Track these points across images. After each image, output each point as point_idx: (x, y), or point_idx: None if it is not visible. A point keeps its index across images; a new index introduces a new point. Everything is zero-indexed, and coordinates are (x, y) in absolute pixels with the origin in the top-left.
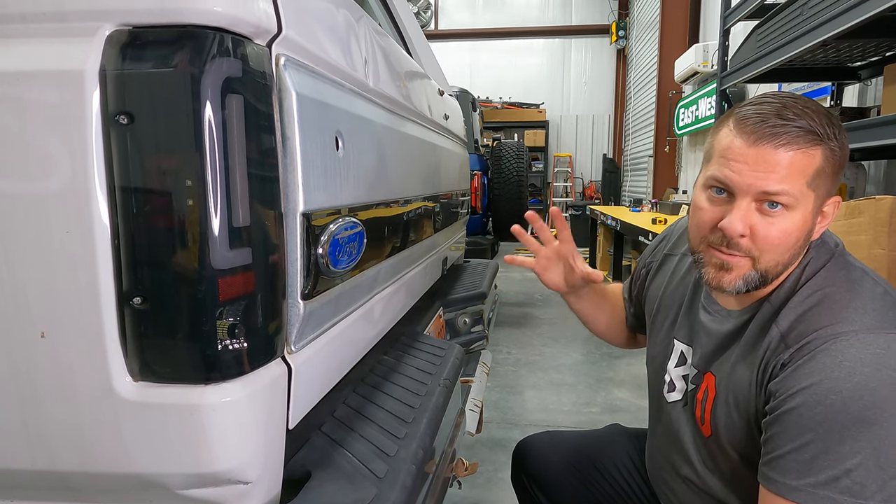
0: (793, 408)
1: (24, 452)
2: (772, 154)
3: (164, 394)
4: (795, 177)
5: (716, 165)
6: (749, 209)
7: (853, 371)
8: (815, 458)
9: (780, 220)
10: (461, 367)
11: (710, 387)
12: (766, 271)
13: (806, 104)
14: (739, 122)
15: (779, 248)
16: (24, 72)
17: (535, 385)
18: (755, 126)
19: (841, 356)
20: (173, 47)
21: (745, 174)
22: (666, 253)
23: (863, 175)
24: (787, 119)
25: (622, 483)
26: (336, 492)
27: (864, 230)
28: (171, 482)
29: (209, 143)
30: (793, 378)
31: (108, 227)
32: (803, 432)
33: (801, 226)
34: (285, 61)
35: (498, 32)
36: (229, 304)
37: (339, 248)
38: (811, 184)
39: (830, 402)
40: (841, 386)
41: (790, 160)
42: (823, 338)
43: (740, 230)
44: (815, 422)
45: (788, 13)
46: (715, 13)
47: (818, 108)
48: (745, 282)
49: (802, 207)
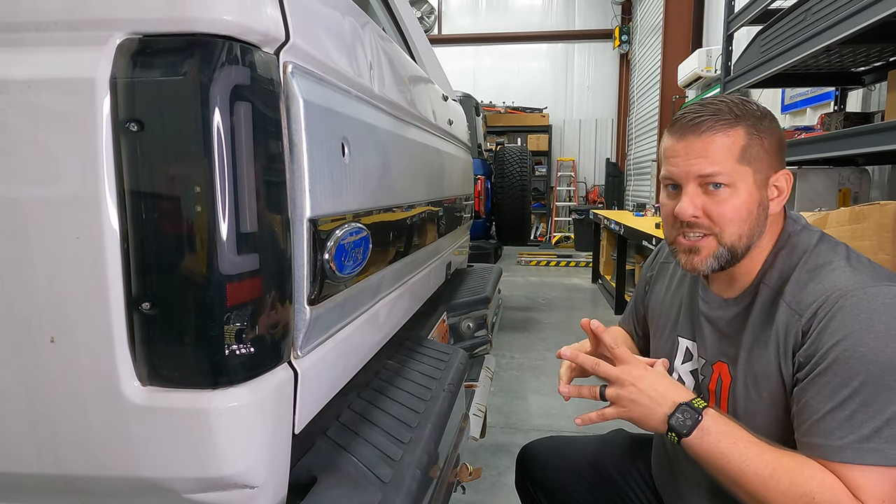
0: (825, 368)
1: (33, 456)
2: (696, 141)
3: (172, 398)
4: (724, 156)
5: (663, 167)
6: (695, 193)
7: (871, 321)
8: (856, 413)
9: (726, 197)
10: (465, 372)
11: (723, 374)
12: (733, 245)
13: (724, 97)
14: (671, 126)
15: (735, 222)
16: (37, 79)
17: (539, 390)
18: (681, 124)
19: (856, 309)
20: (183, 55)
21: (680, 165)
22: (662, 262)
23: (867, 180)
24: (706, 111)
25: (626, 488)
26: (341, 496)
27: (869, 235)
28: (178, 486)
29: (218, 149)
30: (818, 341)
31: (117, 233)
32: (839, 389)
33: (748, 199)
34: (293, 69)
35: (501, 37)
36: (237, 309)
37: (345, 253)
38: (742, 159)
39: (861, 355)
40: (864, 337)
41: (713, 142)
42: (834, 298)
43: (691, 211)
44: (849, 377)
45: (792, 18)
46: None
47: (735, 98)
48: (716, 258)
49: (743, 182)
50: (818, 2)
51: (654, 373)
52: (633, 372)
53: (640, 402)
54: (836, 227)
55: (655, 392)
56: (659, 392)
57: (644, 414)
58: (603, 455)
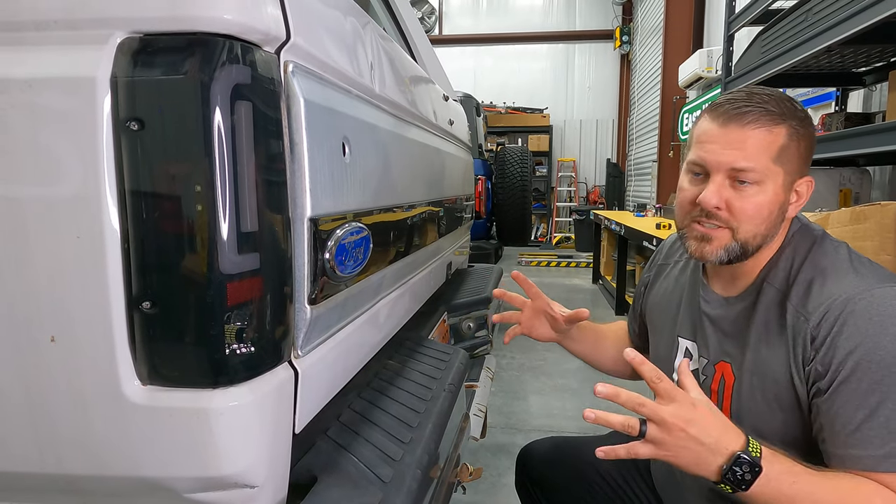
0: (847, 377)
1: (33, 455)
2: (738, 132)
3: (173, 397)
4: (761, 153)
5: (693, 151)
6: (723, 184)
7: (884, 324)
8: (891, 418)
9: (752, 193)
10: (466, 372)
11: (726, 374)
12: (746, 242)
13: (771, 92)
14: (712, 109)
15: (754, 220)
16: (37, 78)
17: (539, 390)
18: (725, 109)
19: (867, 313)
20: (183, 54)
21: (716, 153)
22: (660, 264)
23: (868, 180)
24: (753, 102)
25: (626, 489)
26: (342, 496)
27: (870, 236)
28: (179, 485)
29: (218, 148)
30: (833, 349)
31: (117, 232)
32: (867, 396)
33: (773, 199)
34: (293, 68)
35: (502, 37)
36: (237, 308)
37: (346, 253)
38: (777, 160)
39: (881, 359)
40: (881, 341)
41: (755, 137)
42: (841, 303)
43: (715, 202)
44: (875, 382)
45: (793, 18)
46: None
47: (782, 95)
48: (727, 251)
49: (772, 182)
50: (819, 2)
51: (704, 411)
52: (683, 414)
53: (690, 448)
54: (837, 228)
55: (709, 438)
56: (713, 438)
57: (693, 462)
58: None
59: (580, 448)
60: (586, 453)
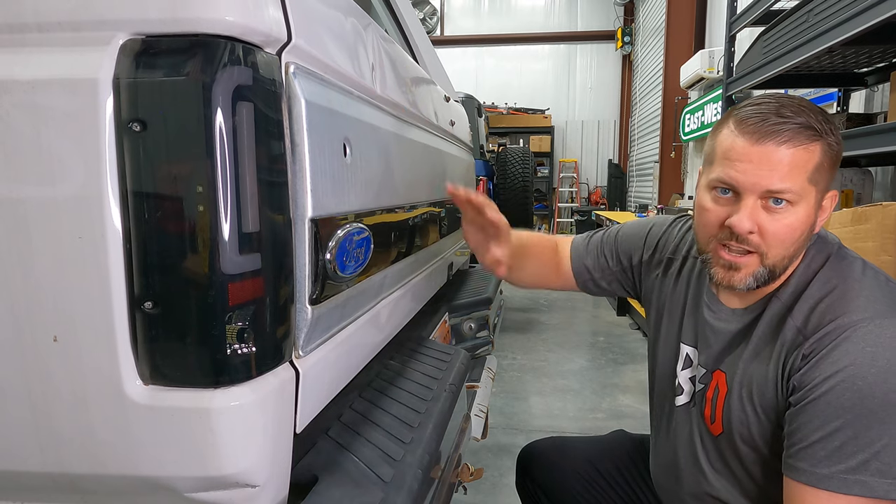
0: (819, 396)
1: (35, 454)
2: (774, 151)
3: (174, 397)
4: (797, 173)
5: (720, 167)
6: (756, 206)
7: (876, 356)
8: (845, 445)
9: (786, 215)
10: (467, 373)
11: (720, 384)
12: (774, 266)
13: (801, 103)
14: (740, 123)
15: (785, 243)
16: (40, 80)
17: (540, 391)
18: (756, 125)
19: (862, 342)
20: (185, 56)
21: (749, 173)
22: (668, 257)
23: (869, 181)
24: (787, 117)
25: (627, 489)
26: (343, 496)
27: (871, 236)
28: (180, 485)
29: (220, 149)
30: (817, 368)
31: (120, 233)
32: (831, 420)
33: (804, 220)
34: (294, 69)
35: (503, 38)
36: (239, 308)
37: (347, 253)
38: (812, 178)
39: (858, 388)
40: (865, 371)
41: (792, 156)
42: (843, 326)
43: (748, 227)
44: (843, 408)
45: (794, 19)
46: (720, 19)
47: (813, 106)
48: (755, 278)
49: (805, 202)
50: (821, 3)
51: None
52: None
53: None
54: (838, 229)
55: None
56: None
57: None
58: (603, 455)
59: (581, 448)
60: (587, 453)
